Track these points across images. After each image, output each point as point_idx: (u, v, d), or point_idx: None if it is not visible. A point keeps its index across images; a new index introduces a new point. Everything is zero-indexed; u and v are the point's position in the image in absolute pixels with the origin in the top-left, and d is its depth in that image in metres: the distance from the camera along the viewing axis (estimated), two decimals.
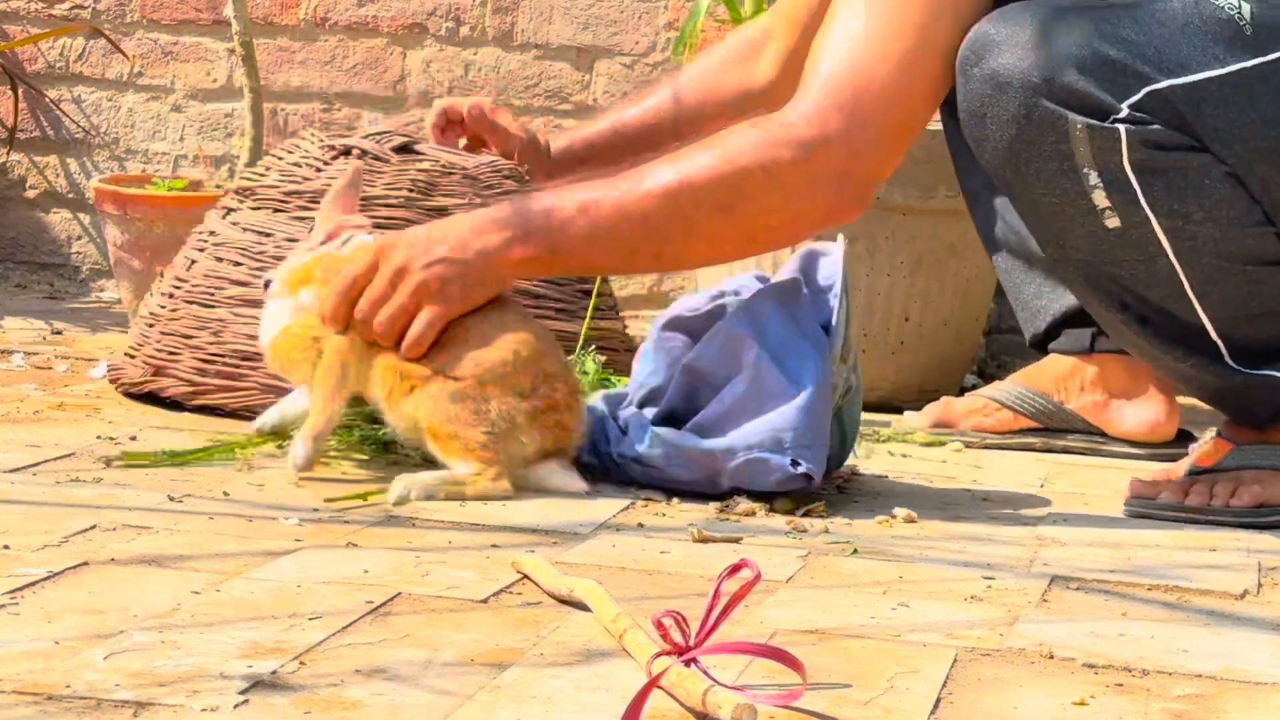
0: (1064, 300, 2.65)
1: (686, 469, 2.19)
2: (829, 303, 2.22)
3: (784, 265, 2.32)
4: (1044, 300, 2.67)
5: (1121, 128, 2.13)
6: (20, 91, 3.63)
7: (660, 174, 2.20)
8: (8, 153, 3.68)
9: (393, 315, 2.18)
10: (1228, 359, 2.21)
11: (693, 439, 2.20)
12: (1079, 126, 2.13)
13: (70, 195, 3.70)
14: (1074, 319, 2.66)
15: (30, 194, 3.71)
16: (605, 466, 2.25)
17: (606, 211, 2.20)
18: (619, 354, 2.62)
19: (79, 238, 3.70)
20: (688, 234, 2.21)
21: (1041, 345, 2.71)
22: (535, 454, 2.18)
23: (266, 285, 2.30)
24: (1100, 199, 2.15)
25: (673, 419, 2.24)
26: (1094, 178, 2.15)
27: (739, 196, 2.18)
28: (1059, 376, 2.68)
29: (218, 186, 3.40)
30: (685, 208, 2.19)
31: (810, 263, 2.28)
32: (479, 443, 2.15)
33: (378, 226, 2.57)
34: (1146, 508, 2.23)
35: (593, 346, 2.55)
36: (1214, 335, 2.20)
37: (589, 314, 2.61)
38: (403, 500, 2.10)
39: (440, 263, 2.20)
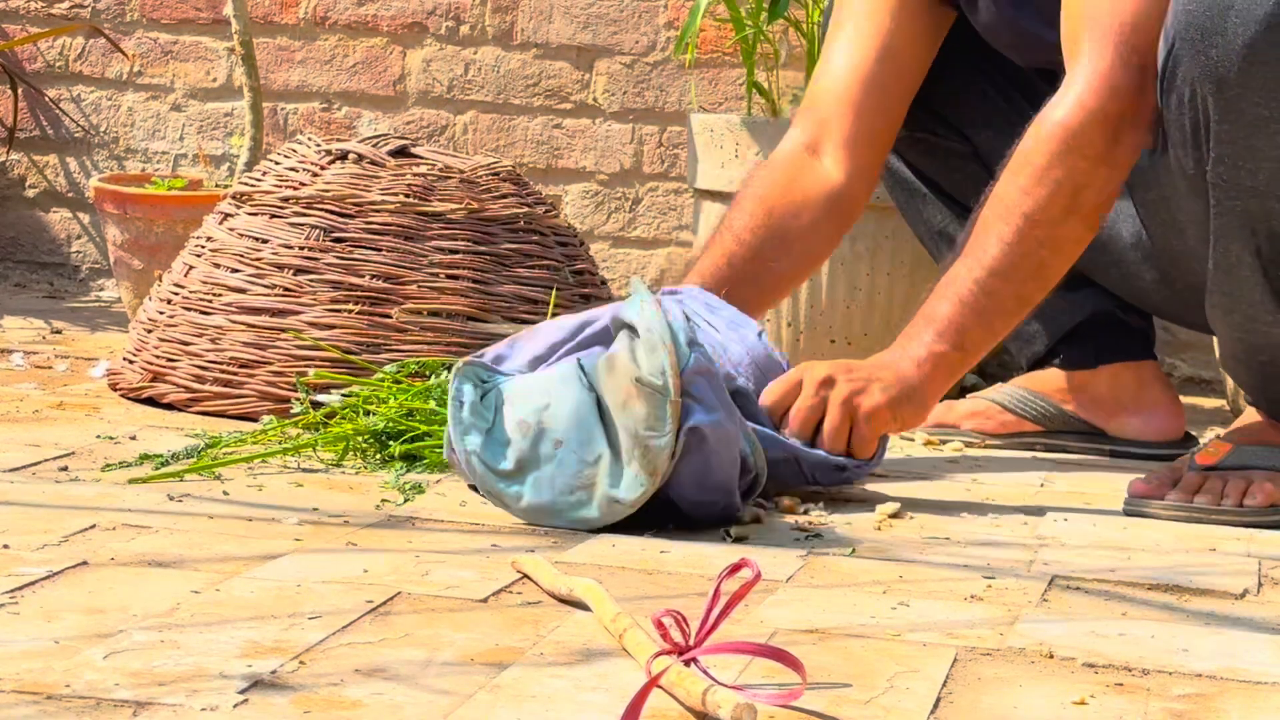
0: (1059, 322, 2.64)
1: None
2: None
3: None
4: (1034, 325, 2.65)
5: None
6: (20, 90, 3.63)
7: (996, 229, 2.25)
8: (7, 152, 3.68)
9: (830, 432, 2.23)
10: None
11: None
12: None
13: (70, 194, 3.70)
14: (1073, 337, 2.65)
15: (30, 193, 3.71)
16: None
17: (977, 289, 2.25)
18: None
19: (79, 237, 3.70)
20: (1056, 252, 2.26)
21: (1040, 366, 2.69)
22: None
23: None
24: None
25: None
26: None
27: (1075, 193, 2.23)
28: (1065, 386, 2.66)
29: (218, 186, 3.39)
30: (1039, 237, 2.24)
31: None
32: None
33: (374, 232, 2.58)
34: (1151, 507, 2.22)
35: None
36: None
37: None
38: None
39: (862, 379, 2.26)
